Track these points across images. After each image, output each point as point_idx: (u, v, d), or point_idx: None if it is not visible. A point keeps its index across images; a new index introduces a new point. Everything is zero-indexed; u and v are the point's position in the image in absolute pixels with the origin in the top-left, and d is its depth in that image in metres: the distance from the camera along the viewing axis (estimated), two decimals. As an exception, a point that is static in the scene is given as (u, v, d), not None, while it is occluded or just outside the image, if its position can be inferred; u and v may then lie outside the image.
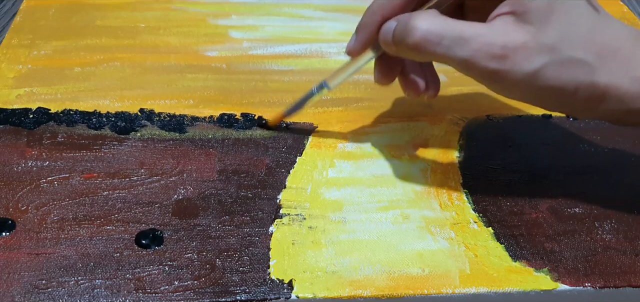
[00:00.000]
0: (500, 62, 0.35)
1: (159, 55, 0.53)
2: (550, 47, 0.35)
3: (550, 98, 0.37)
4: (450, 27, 0.36)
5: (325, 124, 0.47)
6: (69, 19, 0.56)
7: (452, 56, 0.36)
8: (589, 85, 0.36)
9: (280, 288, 0.35)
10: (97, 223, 0.38)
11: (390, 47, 0.38)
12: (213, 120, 0.47)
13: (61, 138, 0.44)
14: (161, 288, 0.35)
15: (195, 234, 0.38)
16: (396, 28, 0.37)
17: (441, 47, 0.36)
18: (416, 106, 0.49)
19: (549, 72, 0.35)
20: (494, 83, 0.37)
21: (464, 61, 0.36)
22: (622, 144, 0.47)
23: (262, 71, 0.52)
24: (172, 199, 0.40)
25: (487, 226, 0.40)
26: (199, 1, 0.60)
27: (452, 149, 0.45)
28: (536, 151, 0.46)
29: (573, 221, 0.41)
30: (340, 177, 0.43)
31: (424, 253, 0.38)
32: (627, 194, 0.43)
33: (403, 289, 0.36)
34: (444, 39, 0.35)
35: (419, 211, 0.41)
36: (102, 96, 0.48)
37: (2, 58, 0.51)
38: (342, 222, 0.40)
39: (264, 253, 0.37)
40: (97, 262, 0.36)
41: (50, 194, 0.40)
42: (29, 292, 0.34)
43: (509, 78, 0.35)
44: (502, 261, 0.38)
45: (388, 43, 0.38)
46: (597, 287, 0.37)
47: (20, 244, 0.37)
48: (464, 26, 0.36)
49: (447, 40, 0.35)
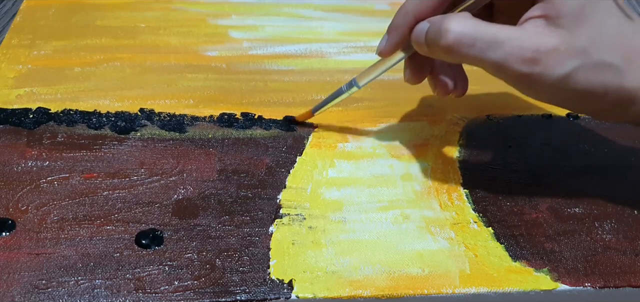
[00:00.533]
0: (532, 66, 0.35)
1: (159, 55, 0.53)
2: (581, 51, 0.35)
3: (579, 101, 0.37)
4: (483, 30, 0.36)
5: (325, 124, 0.47)
6: (69, 19, 0.56)
7: (485, 59, 0.36)
8: (618, 89, 0.36)
9: (280, 288, 0.35)
10: (97, 223, 0.38)
11: (423, 48, 0.38)
12: (213, 120, 0.47)
13: (61, 138, 0.44)
14: (161, 288, 0.35)
15: (195, 234, 0.38)
16: (429, 30, 0.38)
17: (474, 49, 0.36)
18: (416, 106, 0.49)
19: (580, 76, 0.35)
20: (525, 86, 0.37)
21: (497, 64, 0.36)
22: (622, 144, 0.47)
23: (262, 71, 0.52)
24: (172, 199, 0.40)
25: (487, 226, 0.40)
26: (199, 1, 0.60)
27: (452, 149, 0.45)
28: (536, 151, 0.46)
29: (573, 221, 0.41)
30: (340, 177, 0.43)
31: (424, 253, 0.38)
32: (627, 194, 0.43)
33: (403, 289, 0.36)
34: (477, 42, 0.36)
35: (419, 211, 0.41)
36: (102, 96, 0.48)
37: (2, 58, 0.51)
38: (342, 222, 0.40)
39: (264, 253, 0.37)
40: (97, 262, 0.36)
41: (50, 194, 0.40)
42: (29, 292, 0.34)
43: (540, 82, 0.36)
44: (502, 261, 0.38)
45: (420, 44, 0.38)
46: (597, 287, 0.37)
47: (20, 244, 0.37)
48: (496, 29, 0.36)
49: (480, 42, 0.36)
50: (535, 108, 0.49)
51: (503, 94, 0.50)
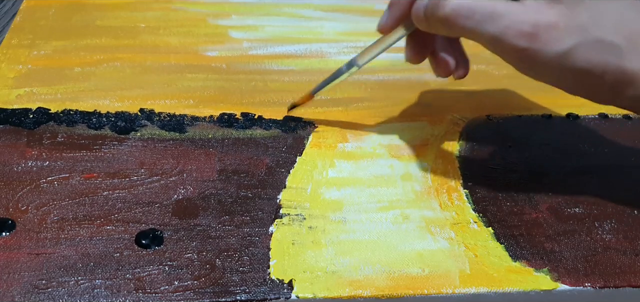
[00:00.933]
0: (530, 40, 0.35)
1: (159, 55, 0.53)
2: (580, 28, 0.35)
3: (577, 81, 0.37)
4: (481, 2, 0.36)
5: (325, 124, 0.47)
6: (69, 19, 0.56)
7: (482, 31, 0.36)
8: (617, 69, 0.36)
9: (280, 288, 0.35)
10: (97, 223, 0.38)
11: (422, 22, 0.39)
12: (213, 120, 0.47)
13: (61, 138, 0.44)
14: (161, 288, 0.35)
15: (195, 234, 0.38)
16: (428, 2, 0.38)
17: (472, 21, 0.36)
18: (416, 106, 0.49)
19: (579, 53, 0.35)
20: (522, 62, 0.37)
21: (494, 37, 0.36)
22: (622, 144, 0.47)
23: (262, 71, 0.52)
24: (172, 199, 0.40)
25: (487, 226, 0.40)
26: (199, 1, 0.60)
27: (452, 149, 0.45)
28: (536, 151, 0.46)
29: (573, 221, 0.41)
30: (340, 177, 0.43)
31: (424, 253, 0.38)
32: (627, 194, 0.43)
33: (403, 289, 0.36)
34: (475, 14, 0.36)
35: (419, 211, 0.41)
36: (102, 96, 0.48)
37: (2, 58, 0.51)
38: (342, 222, 0.40)
39: (264, 253, 0.37)
40: (97, 262, 0.36)
41: (50, 194, 0.40)
42: (29, 292, 0.34)
43: (538, 57, 0.35)
44: (502, 261, 0.38)
45: (419, 18, 0.39)
46: (597, 287, 0.37)
47: (20, 244, 0.37)
48: (495, 2, 0.36)
49: (478, 14, 0.36)
50: (536, 108, 0.49)
51: (503, 94, 0.50)
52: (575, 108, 0.49)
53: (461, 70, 0.42)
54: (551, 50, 0.35)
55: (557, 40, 0.35)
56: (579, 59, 0.35)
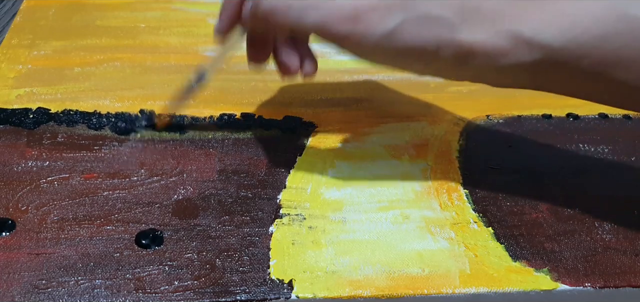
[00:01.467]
0: (353, 24, 0.34)
1: (159, 55, 0.53)
2: (402, 6, 0.34)
3: (414, 60, 0.36)
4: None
5: (325, 124, 0.47)
6: (69, 19, 0.56)
7: (305, 23, 0.35)
8: (451, 43, 0.35)
9: (280, 288, 0.35)
10: (97, 223, 0.38)
11: (248, 22, 0.38)
12: (213, 120, 0.47)
13: (61, 138, 0.44)
14: (161, 288, 0.35)
15: (195, 234, 0.38)
16: (251, 2, 0.37)
17: (291, 15, 0.35)
18: (416, 106, 0.49)
19: (406, 31, 0.34)
20: (351, 48, 0.36)
21: (317, 27, 0.35)
22: (622, 144, 0.47)
23: (262, 71, 0.52)
24: (172, 199, 0.40)
25: (487, 226, 0.40)
26: (199, 1, 0.60)
27: (452, 149, 0.45)
28: (536, 151, 0.46)
29: (573, 221, 0.41)
30: (340, 177, 0.43)
31: (424, 253, 0.38)
32: (627, 194, 0.43)
33: (403, 289, 0.36)
34: (291, 8, 0.35)
35: (419, 211, 0.41)
36: (102, 96, 0.48)
37: (2, 58, 0.51)
38: (342, 222, 0.40)
39: (264, 253, 0.37)
40: (97, 262, 0.36)
41: (50, 194, 0.40)
42: (29, 292, 0.34)
43: (364, 40, 0.35)
44: (502, 261, 0.38)
45: (246, 19, 0.38)
46: (597, 287, 0.37)
47: (20, 244, 0.37)
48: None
49: (296, 7, 0.35)
50: (536, 108, 0.49)
51: (503, 94, 0.50)
52: (575, 108, 0.49)
53: (307, 68, 0.41)
54: (375, 32, 0.34)
55: (380, 20, 0.34)
56: (408, 38, 0.34)
